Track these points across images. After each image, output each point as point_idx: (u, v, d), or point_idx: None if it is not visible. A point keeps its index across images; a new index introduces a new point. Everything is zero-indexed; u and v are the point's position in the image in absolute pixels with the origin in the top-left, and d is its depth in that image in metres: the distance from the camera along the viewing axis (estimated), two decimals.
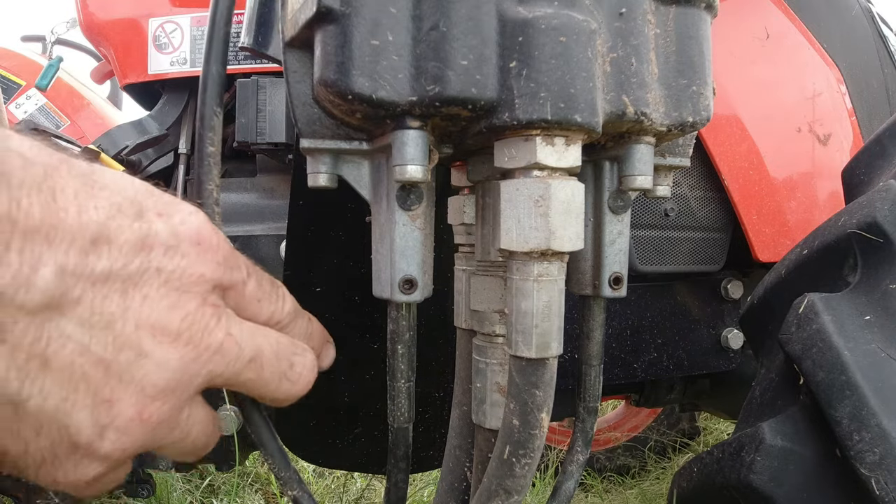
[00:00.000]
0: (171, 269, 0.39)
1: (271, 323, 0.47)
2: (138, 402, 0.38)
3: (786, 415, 0.59)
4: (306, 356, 0.48)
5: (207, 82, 0.48)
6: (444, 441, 0.67)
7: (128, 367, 0.38)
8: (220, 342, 0.41)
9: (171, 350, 0.39)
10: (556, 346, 0.45)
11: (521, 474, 0.47)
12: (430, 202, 0.50)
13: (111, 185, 0.39)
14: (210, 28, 0.48)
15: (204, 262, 0.41)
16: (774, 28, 1.04)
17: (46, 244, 0.35)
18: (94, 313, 0.36)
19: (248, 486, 2.22)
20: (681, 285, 1.11)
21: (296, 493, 0.53)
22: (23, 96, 3.01)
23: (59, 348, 0.36)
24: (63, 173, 0.37)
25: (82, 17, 1.16)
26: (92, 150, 1.04)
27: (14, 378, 0.35)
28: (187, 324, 0.39)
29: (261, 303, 0.46)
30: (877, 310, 0.56)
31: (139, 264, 0.38)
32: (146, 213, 0.40)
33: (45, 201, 0.35)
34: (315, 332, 0.52)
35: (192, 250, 0.40)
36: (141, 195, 0.40)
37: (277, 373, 0.45)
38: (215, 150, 0.49)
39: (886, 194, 0.60)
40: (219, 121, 0.48)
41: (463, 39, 0.41)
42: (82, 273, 0.36)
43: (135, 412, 0.38)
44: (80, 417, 0.37)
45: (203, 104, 0.48)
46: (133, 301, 0.38)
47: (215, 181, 0.49)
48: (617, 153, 0.50)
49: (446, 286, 0.64)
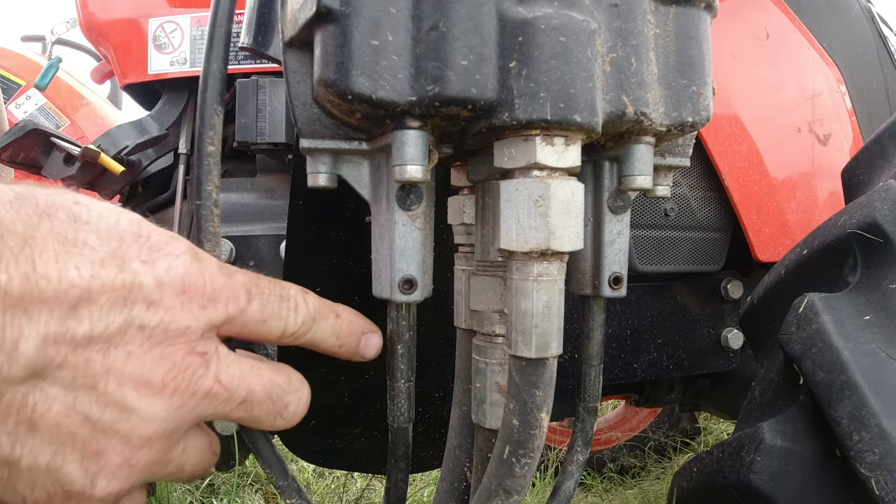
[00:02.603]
0: (154, 324, 0.39)
1: (286, 337, 0.47)
2: (125, 451, 0.40)
3: (786, 415, 0.59)
4: (301, 393, 0.48)
5: (208, 80, 0.47)
6: (444, 441, 0.67)
7: (112, 423, 0.39)
8: (208, 389, 0.41)
9: (157, 402, 0.39)
10: (556, 346, 0.45)
11: (520, 474, 0.47)
12: (430, 202, 0.50)
13: (95, 234, 0.39)
14: (211, 25, 0.47)
15: (188, 312, 0.40)
16: (774, 28, 1.04)
17: (27, 317, 0.35)
18: (76, 376, 0.37)
19: (248, 486, 2.22)
20: (681, 285, 1.11)
21: (294, 501, 0.53)
22: (23, 96, 3.01)
23: (45, 412, 0.37)
24: (44, 233, 0.37)
25: (82, 17, 1.16)
26: (92, 150, 1.04)
27: (5, 442, 0.37)
28: (172, 376, 0.40)
29: (267, 323, 0.45)
30: (877, 310, 0.56)
31: (121, 323, 0.38)
32: (130, 262, 0.39)
33: (23, 273, 0.35)
34: (345, 330, 0.50)
35: (175, 301, 0.40)
36: (126, 243, 0.39)
37: (271, 412, 0.46)
38: (215, 150, 0.48)
39: (886, 194, 0.60)
40: (219, 119, 0.48)
41: (463, 39, 0.41)
42: (63, 339, 0.36)
43: (122, 460, 0.40)
44: (70, 469, 0.39)
45: (203, 102, 0.47)
46: (116, 360, 0.38)
47: (215, 182, 0.48)
48: (617, 153, 0.50)
49: (446, 286, 0.64)
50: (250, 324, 0.44)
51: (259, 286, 0.45)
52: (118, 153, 1.09)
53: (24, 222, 0.36)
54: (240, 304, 0.43)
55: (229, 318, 0.43)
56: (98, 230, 0.39)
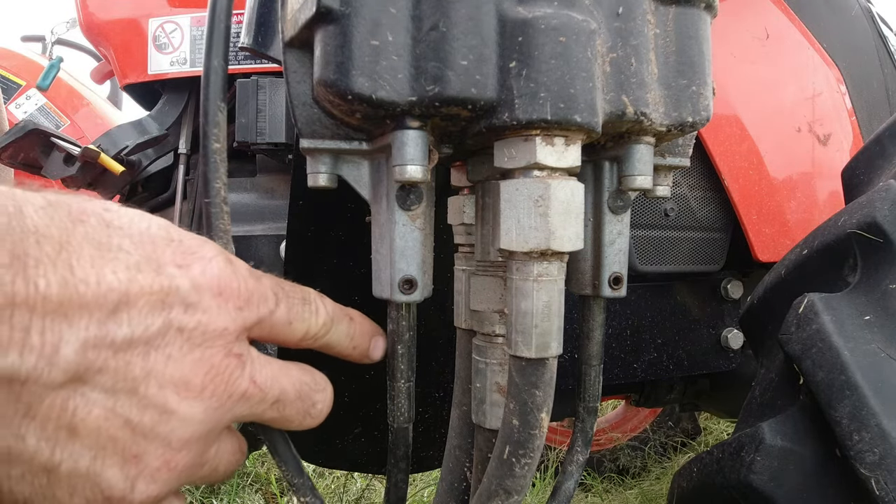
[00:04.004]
0: (193, 326, 0.39)
1: (307, 339, 0.48)
2: (165, 453, 0.40)
3: (786, 415, 0.59)
4: (327, 392, 0.49)
5: (210, 77, 0.47)
6: (444, 441, 0.67)
7: (153, 426, 0.39)
8: (244, 390, 0.42)
9: (196, 404, 0.40)
10: (556, 346, 0.45)
11: (520, 474, 0.47)
12: (430, 202, 0.50)
13: (129, 239, 0.39)
14: (210, 22, 0.47)
15: (226, 314, 0.41)
16: (774, 28, 1.04)
17: (66, 322, 0.35)
18: (117, 380, 0.37)
19: (249, 487, 2.22)
20: (681, 285, 1.11)
21: (308, 499, 0.53)
22: (23, 96, 3.01)
23: (85, 416, 0.37)
24: (79, 238, 0.37)
25: (82, 17, 1.17)
26: (92, 150, 1.04)
27: (45, 448, 0.36)
28: (210, 377, 0.40)
29: (292, 325, 0.46)
30: (877, 310, 0.56)
31: (160, 325, 0.38)
32: (165, 266, 0.39)
33: (62, 278, 0.35)
34: (358, 332, 0.51)
35: (213, 303, 0.40)
36: (160, 247, 0.40)
37: (301, 411, 0.47)
38: (221, 147, 0.47)
39: (886, 194, 0.60)
40: (223, 116, 0.47)
41: (463, 39, 0.41)
42: (103, 343, 0.36)
43: (161, 462, 0.40)
44: (110, 474, 0.38)
45: (206, 99, 0.47)
46: (156, 363, 0.38)
47: (223, 179, 0.48)
48: (617, 153, 0.50)
49: (446, 286, 0.64)
50: (277, 326, 0.45)
51: (284, 289, 0.46)
52: (118, 153, 1.09)
53: (60, 228, 0.36)
54: (269, 307, 0.44)
55: (260, 320, 0.44)
56: (131, 235, 0.39)
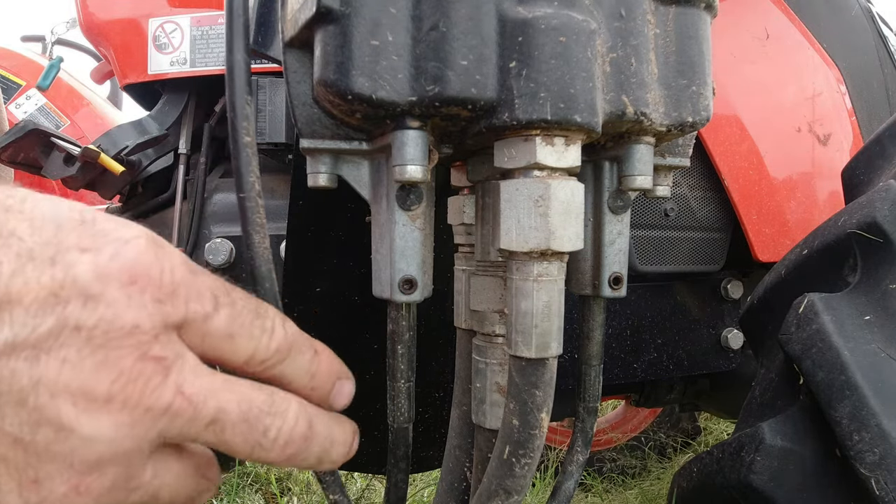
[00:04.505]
0: (93, 323, 0.32)
1: (253, 364, 0.39)
2: (70, 478, 0.33)
3: (786, 415, 0.59)
4: (286, 419, 0.38)
5: (234, 72, 0.46)
6: (444, 441, 0.67)
7: (47, 444, 0.32)
8: (168, 403, 0.34)
9: (103, 418, 0.33)
10: (556, 346, 0.45)
11: (520, 474, 0.47)
12: (430, 202, 0.50)
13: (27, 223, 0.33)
14: (228, 18, 0.47)
15: (138, 307, 0.33)
16: (774, 28, 1.04)
17: None
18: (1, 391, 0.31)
19: (248, 487, 2.22)
20: (681, 285, 1.11)
21: (338, 497, 0.54)
22: (23, 96, 3.01)
23: None
24: None
25: (82, 17, 1.16)
26: (92, 150, 1.04)
27: None
28: (120, 385, 0.33)
29: (234, 340, 0.37)
30: (877, 310, 0.56)
31: (52, 324, 0.32)
32: (66, 252, 0.33)
33: None
34: (321, 371, 0.42)
35: (119, 294, 0.33)
36: (65, 230, 0.34)
37: (247, 439, 0.37)
38: (251, 140, 0.46)
39: (886, 194, 0.60)
40: (251, 109, 0.47)
41: (463, 39, 0.41)
42: None
43: (68, 488, 0.33)
44: (9, 500, 0.33)
45: (233, 94, 0.45)
46: (47, 369, 0.32)
47: (255, 172, 0.46)
48: (617, 153, 0.50)
49: (446, 286, 0.64)
50: (213, 336, 0.37)
51: (231, 295, 0.38)
52: (118, 153, 1.09)
53: None
54: (204, 308, 0.36)
55: (187, 322, 0.36)
56: (32, 219, 0.33)
